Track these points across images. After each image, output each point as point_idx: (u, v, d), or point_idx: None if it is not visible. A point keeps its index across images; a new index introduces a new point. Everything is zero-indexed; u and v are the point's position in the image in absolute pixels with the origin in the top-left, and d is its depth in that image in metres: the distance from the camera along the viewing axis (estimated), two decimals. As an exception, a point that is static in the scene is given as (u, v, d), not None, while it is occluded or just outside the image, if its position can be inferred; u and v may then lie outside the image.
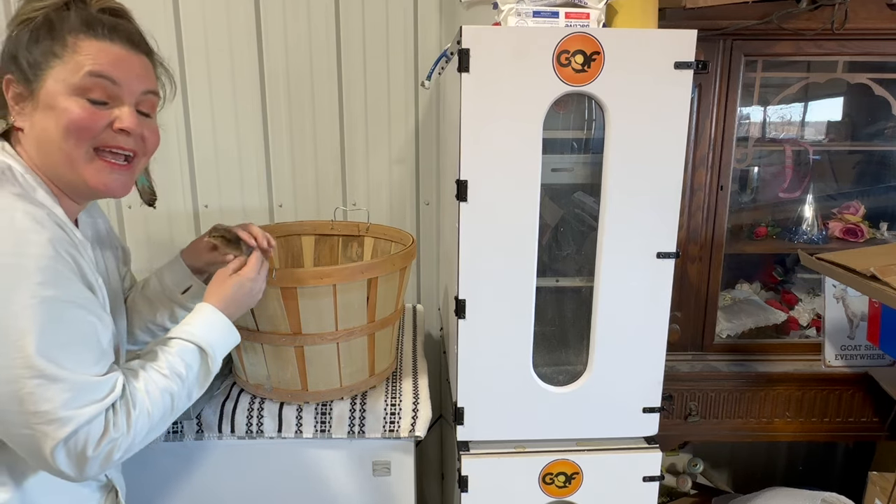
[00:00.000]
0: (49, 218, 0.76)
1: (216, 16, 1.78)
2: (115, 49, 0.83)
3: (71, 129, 0.80)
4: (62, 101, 0.80)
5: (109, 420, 0.78)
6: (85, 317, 0.77)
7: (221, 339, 0.96)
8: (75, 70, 0.80)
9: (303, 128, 1.89)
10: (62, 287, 0.74)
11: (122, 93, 0.84)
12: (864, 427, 1.68)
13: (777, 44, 1.50)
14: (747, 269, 1.98)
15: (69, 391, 0.74)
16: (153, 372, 0.86)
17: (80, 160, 0.82)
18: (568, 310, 1.47)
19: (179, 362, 0.88)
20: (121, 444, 0.80)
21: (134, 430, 0.81)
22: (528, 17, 1.22)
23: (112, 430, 0.78)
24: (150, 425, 0.84)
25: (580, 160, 1.40)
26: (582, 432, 1.39)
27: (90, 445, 0.76)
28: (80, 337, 0.77)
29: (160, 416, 0.85)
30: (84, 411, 0.75)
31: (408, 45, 1.86)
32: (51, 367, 0.72)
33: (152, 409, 0.83)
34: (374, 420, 1.31)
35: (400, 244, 1.49)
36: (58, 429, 0.73)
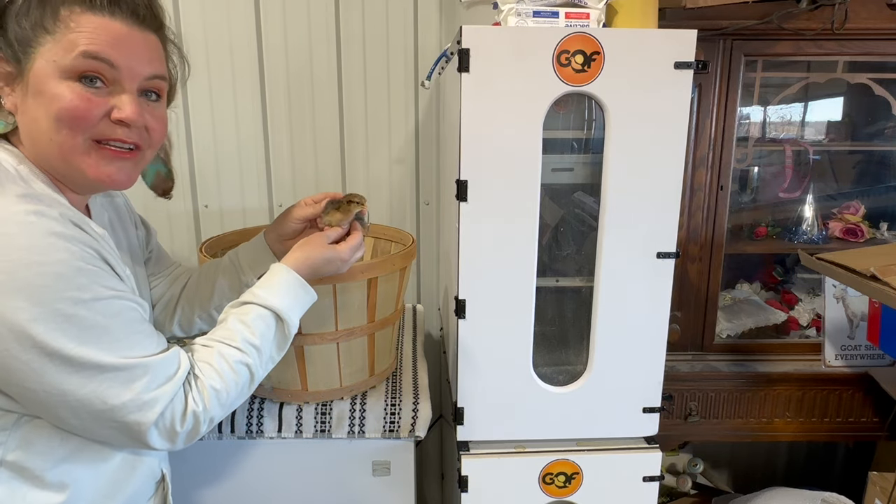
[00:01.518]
0: (62, 215, 0.70)
1: (216, 15, 1.78)
2: (115, 25, 0.72)
3: (63, 119, 0.71)
4: (53, 86, 0.70)
5: (188, 394, 0.79)
6: (128, 305, 0.75)
7: (298, 303, 0.93)
8: (68, 49, 0.70)
9: (303, 128, 1.89)
10: (99, 284, 0.71)
11: (122, 77, 0.73)
12: (864, 427, 1.68)
13: (777, 44, 1.50)
14: (747, 269, 1.98)
15: (144, 375, 0.74)
16: (223, 346, 0.84)
17: (75, 152, 0.73)
18: (568, 310, 1.47)
19: (254, 333, 0.86)
20: (202, 417, 0.80)
21: (214, 403, 0.81)
22: (528, 17, 1.22)
23: (192, 404, 0.79)
24: (229, 400, 0.84)
25: (580, 160, 1.40)
26: (582, 432, 1.39)
27: (177, 421, 0.78)
28: (130, 325, 0.75)
29: (236, 389, 0.84)
30: (164, 389, 0.76)
31: (408, 45, 1.86)
32: (118, 360, 0.72)
33: (226, 384, 0.82)
34: (374, 420, 1.31)
35: (400, 244, 1.49)
36: (147, 412, 0.74)
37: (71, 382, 0.70)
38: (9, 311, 0.65)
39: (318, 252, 0.97)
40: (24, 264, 0.65)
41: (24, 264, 0.65)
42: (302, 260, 0.95)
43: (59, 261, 0.67)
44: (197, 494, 1.35)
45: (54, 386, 0.69)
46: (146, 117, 0.78)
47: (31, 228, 0.67)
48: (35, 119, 0.72)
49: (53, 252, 0.67)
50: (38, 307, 0.66)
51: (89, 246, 0.72)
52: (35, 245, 0.66)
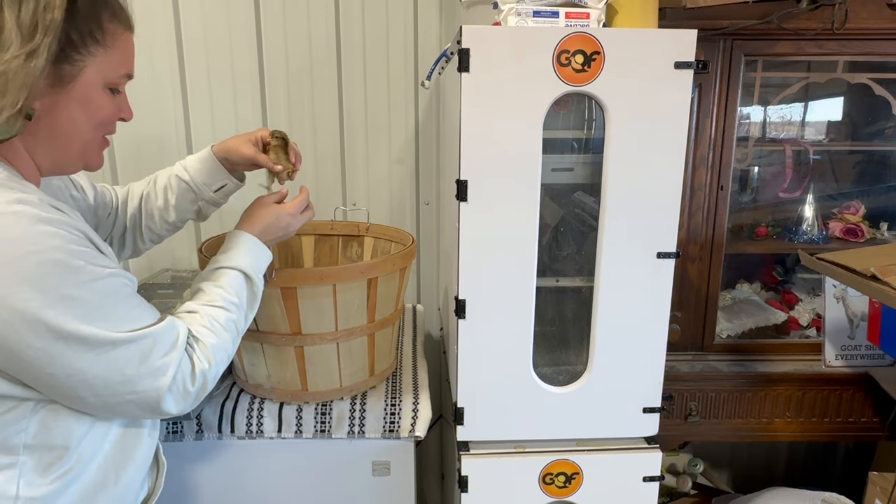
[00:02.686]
0: (41, 200, 0.71)
1: (216, 16, 1.78)
2: (132, 41, 0.83)
3: (103, 123, 0.81)
4: (98, 96, 0.78)
5: (192, 356, 0.85)
6: (121, 280, 0.78)
7: (260, 262, 1.00)
8: (117, 67, 0.79)
9: (303, 128, 1.89)
10: (93, 263, 0.73)
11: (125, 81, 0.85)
12: (864, 427, 1.68)
13: (777, 44, 1.50)
14: (747, 269, 1.98)
15: (154, 345, 0.78)
16: (209, 308, 0.90)
17: (94, 146, 0.83)
18: (568, 310, 1.47)
19: (230, 292, 0.93)
20: (209, 374, 0.86)
21: (216, 361, 0.87)
22: (528, 17, 1.21)
23: (198, 363, 0.84)
24: (227, 354, 0.91)
25: (580, 160, 1.40)
26: (582, 432, 1.39)
27: (188, 381, 0.83)
28: (128, 299, 0.79)
29: (231, 344, 0.91)
30: (172, 355, 0.81)
31: (408, 45, 1.87)
32: (127, 334, 0.75)
33: (223, 341, 0.89)
34: (374, 420, 1.31)
35: (400, 244, 1.49)
36: (160, 378, 0.79)
37: (88, 360, 0.73)
38: (18, 302, 0.67)
39: (266, 212, 1.06)
40: (21, 255, 0.67)
41: (21, 255, 0.67)
42: (254, 222, 1.04)
43: (54, 247, 0.69)
44: (197, 494, 1.35)
45: (73, 367, 0.72)
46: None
47: (18, 218, 0.68)
48: (72, 120, 0.77)
49: (46, 239, 0.69)
50: (44, 294, 0.68)
51: (74, 227, 0.73)
52: (26, 234, 0.68)
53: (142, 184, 1.18)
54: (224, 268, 0.96)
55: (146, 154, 1.79)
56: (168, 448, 1.31)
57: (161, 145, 1.83)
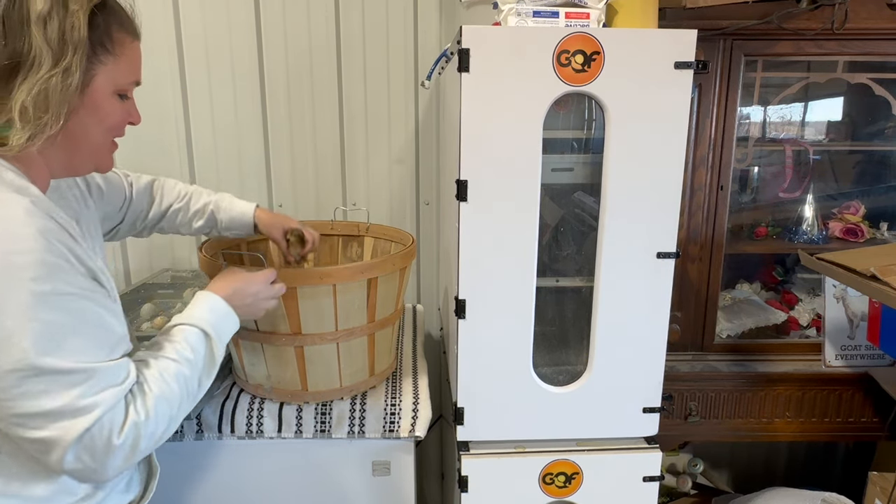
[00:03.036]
0: (36, 206, 0.72)
1: (216, 16, 1.78)
2: (139, 48, 0.84)
3: (112, 129, 0.83)
4: (108, 102, 0.80)
5: (129, 404, 0.77)
6: (89, 307, 0.74)
7: (223, 324, 0.95)
8: (126, 74, 0.81)
9: (303, 128, 1.89)
10: (58, 279, 0.71)
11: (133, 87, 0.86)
12: (864, 427, 1.68)
13: (777, 44, 1.50)
14: (747, 269, 1.98)
15: (84, 381, 0.72)
16: (163, 359, 0.84)
17: (104, 150, 0.85)
18: (568, 310, 1.47)
19: (186, 347, 0.87)
20: (144, 431, 0.77)
21: (155, 415, 0.79)
22: (528, 17, 1.22)
23: (133, 414, 0.76)
24: (171, 412, 0.82)
25: (580, 160, 1.40)
26: (582, 432, 1.39)
27: (115, 432, 0.74)
28: (85, 327, 0.74)
29: (178, 402, 0.84)
30: (103, 396, 0.73)
31: (408, 45, 1.87)
32: (59, 362, 0.70)
33: (169, 394, 0.82)
34: (374, 420, 1.31)
35: (400, 244, 1.49)
36: (78, 421, 0.71)
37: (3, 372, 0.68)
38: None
39: (235, 277, 1.03)
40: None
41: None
42: (223, 285, 1.00)
43: (21, 250, 0.68)
44: (197, 494, 1.35)
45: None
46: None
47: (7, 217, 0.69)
48: (84, 125, 0.79)
49: (17, 241, 0.69)
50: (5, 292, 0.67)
51: (59, 241, 0.72)
52: (7, 233, 0.69)
53: (173, 194, 1.24)
54: (183, 324, 0.90)
55: (146, 153, 1.79)
56: (168, 448, 1.31)
57: (161, 144, 1.83)
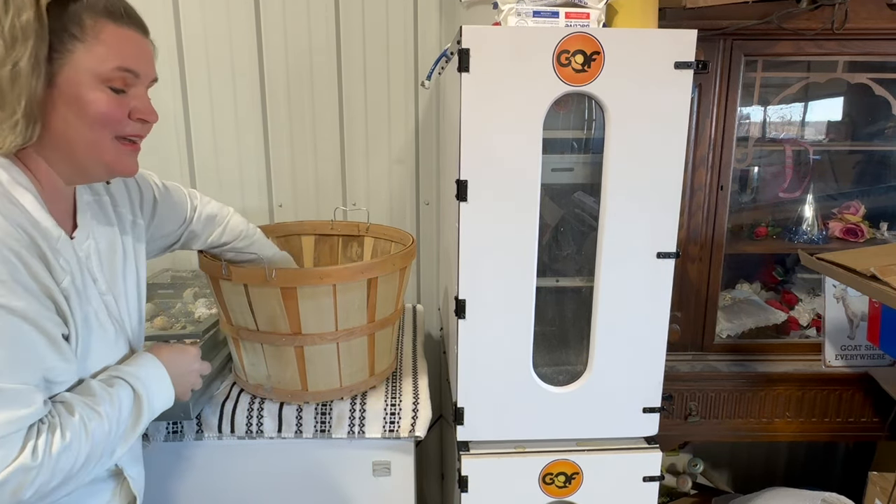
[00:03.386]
0: (3, 214, 0.71)
1: (216, 16, 1.78)
2: (135, 37, 0.80)
3: (99, 121, 0.78)
4: (86, 92, 0.76)
5: (27, 442, 0.68)
6: (19, 326, 0.69)
7: (159, 393, 0.89)
8: (102, 60, 0.76)
9: (303, 128, 1.89)
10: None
11: (140, 82, 0.82)
12: (864, 427, 1.68)
13: (777, 44, 1.50)
14: (747, 269, 1.98)
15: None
16: (86, 408, 0.76)
17: (104, 147, 0.80)
18: (568, 310, 1.47)
19: (114, 401, 0.80)
20: (34, 479, 0.68)
21: (54, 465, 0.70)
22: (528, 17, 1.21)
23: (26, 456, 0.68)
24: (72, 469, 0.73)
25: (580, 160, 1.40)
26: (582, 432, 1.39)
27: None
28: (4, 347, 0.68)
29: (84, 460, 0.75)
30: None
31: (408, 45, 1.86)
32: None
33: (81, 446, 0.74)
34: (374, 420, 1.31)
35: (400, 244, 1.49)
36: None
37: None
38: None
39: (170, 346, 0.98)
40: None
41: None
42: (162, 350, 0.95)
43: None
44: (197, 494, 1.35)
45: None
46: (157, 114, 0.86)
47: None
48: (65, 119, 0.77)
49: None
50: None
51: (13, 251, 0.70)
52: None
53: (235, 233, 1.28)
54: (118, 378, 0.84)
55: (146, 154, 1.78)
56: (168, 448, 1.31)
57: (161, 145, 1.83)
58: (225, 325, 1.31)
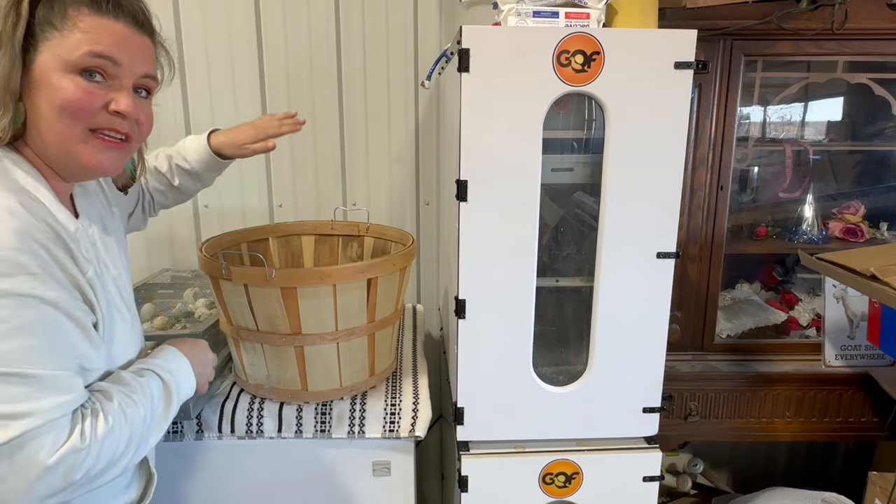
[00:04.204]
0: (23, 206, 0.71)
1: (216, 16, 1.78)
2: (118, 27, 0.77)
3: (65, 109, 0.74)
4: (56, 78, 0.74)
5: (75, 426, 0.71)
6: (52, 315, 0.71)
7: (184, 383, 0.92)
8: (75, 47, 0.74)
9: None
10: (20, 280, 0.67)
11: (122, 73, 0.78)
12: (864, 427, 1.68)
13: (777, 44, 1.50)
14: (747, 269, 1.98)
15: (20, 385, 0.67)
16: (122, 395, 0.78)
17: (73, 140, 0.77)
18: (568, 310, 1.47)
19: (146, 390, 0.82)
20: (83, 461, 0.70)
21: (100, 449, 0.72)
22: (528, 17, 1.22)
23: (76, 439, 0.70)
24: (115, 453, 0.75)
25: (580, 160, 1.40)
26: (582, 432, 1.39)
27: (44, 450, 0.67)
28: (42, 335, 0.70)
29: (125, 446, 0.77)
30: (41, 405, 0.68)
31: (408, 45, 1.87)
32: (2, 365, 0.66)
33: (123, 431, 0.76)
34: (374, 420, 1.31)
35: (400, 244, 1.49)
36: (1, 429, 0.66)
37: None
38: None
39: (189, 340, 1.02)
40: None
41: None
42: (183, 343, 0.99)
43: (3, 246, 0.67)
44: (197, 494, 1.35)
45: None
46: (139, 111, 0.82)
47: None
48: (37, 107, 0.75)
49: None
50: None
51: (40, 244, 0.71)
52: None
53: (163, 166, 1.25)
54: (150, 371, 0.86)
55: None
56: (168, 448, 1.31)
57: (160, 144, 1.82)
58: (225, 325, 1.31)
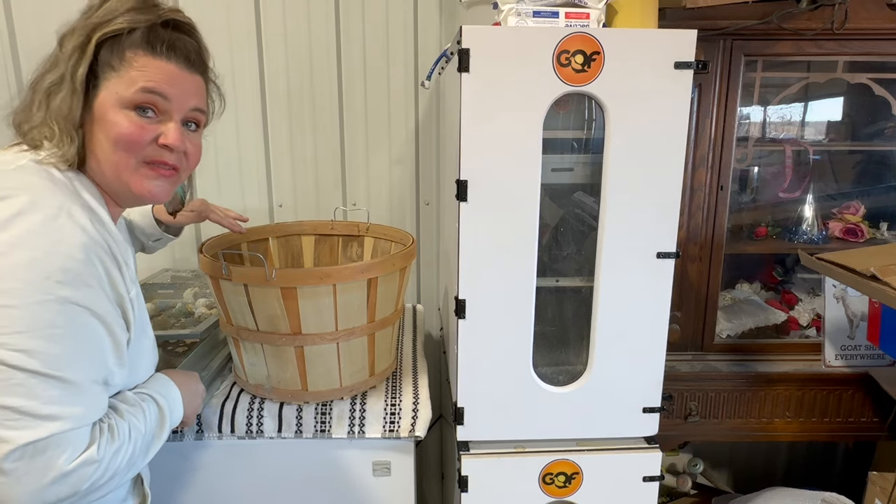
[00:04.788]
0: (93, 224, 0.78)
1: (216, 16, 1.78)
2: (170, 67, 0.84)
3: (120, 142, 0.82)
4: (113, 114, 0.81)
5: (94, 438, 0.75)
6: (96, 327, 0.76)
7: (175, 412, 0.95)
8: (130, 84, 0.81)
9: (303, 128, 1.89)
10: (79, 291, 0.74)
11: (172, 108, 0.85)
12: (864, 427, 1.68)
13: (777, 44, 1.50)
14: (747, 269, 1.98)
15: (57, 388, 0.71)
16: (129, 415, 0.83)
17: (127, 169, 0.84)
18: (568, 310, 1.47)
19: (147, 413, 0.86)
20: (93, 473, 0.74)
21: (108, 464, 0.76)
22: (528, 17, 1.22)
23: (93, 450, 0.74)
24: (118, 468, 0.78)
25: (580, 160, 1.40)
26: (582, 432, 1.39)
27: (65, 456, 0.71)
28: (84, 345, 0.75)
29: (128, 460, 0.80)
30: (71, 411, 0.72)
31: (408, 45, 1.87)
32: (46, 367, 0.70)
33: (128, 449, 0.80)
34: (374, 420, 1.31)
35: (400, 244, 1.49)
36: (30, 429, 0.69)
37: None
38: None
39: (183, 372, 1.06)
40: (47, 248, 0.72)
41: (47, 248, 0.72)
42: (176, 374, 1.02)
43: (61, 254, 0.72)
44: (197, 494, 1.35)
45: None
46: (186, 144, 0.88)
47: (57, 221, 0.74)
48: (97, 139, 0.82)
49: (61, 245, 0.73)
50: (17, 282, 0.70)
51: (101, 260, 0.76)
52: (51, 235, 0.73)
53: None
54: (149, 396, 0.90)
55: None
56: (168, 448, 1.31)
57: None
58: (225, 325, 1.31)
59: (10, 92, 1.76)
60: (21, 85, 1.77)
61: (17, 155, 0.81)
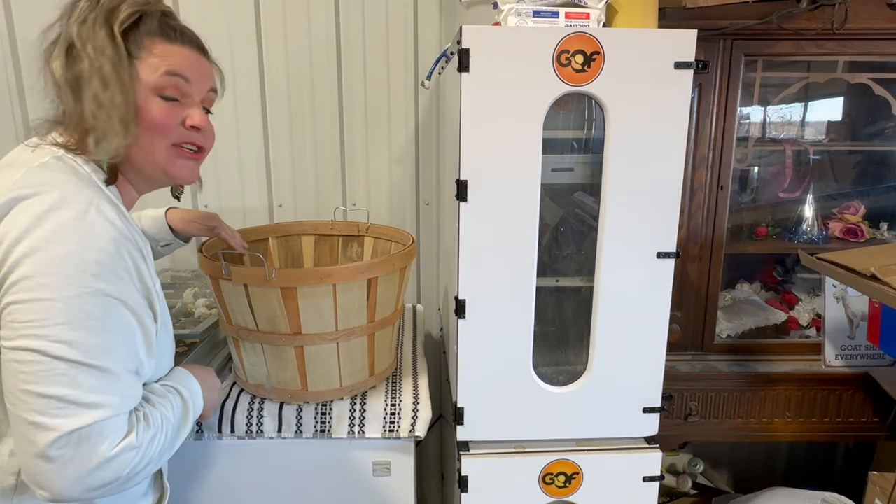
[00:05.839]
0: (120, 218, 0.79)
1: (216, 16, 1.78)
2: (185, 51, 0.89)
3: (151, 127, 0.85)
4: (142, 101, 0.84)
5: (133, 425, 0.77)
6: (129, 318, 0.78)
7: (197, 405, 0.96)
8: (152, 70, 0.84)
9: (303, 128, 1.89)
10: (113, 284, 0.76)
11: (193, 90, 0.88)
12: (864, 427, 1.68)
13: (777, 44, 1.50)
14: (747, 269, 1.98)
15: (97, 378, 0.74)
16: (159, 405, 0.84)
17: (160, 154, 0.87)
18: (568, 310, 1.47)
19: (174, 404, 0.88)
20: (132, 459, 0.76)
21: (146, 451, 0.78)
22: (528, 17, 1.22)
23: (133, 437, 0.76)
24: (153, 456, 0.80)
25: (580, 160, 1.40)
26: (582, 432, 1.39)
27: (107, 443, 0.73)
28: (119, 335, 0.77)
29: (160, 449, 0.82)
30: (111, 399, 0.74)
31: (408, 45, 1.87)
32: (86, 357, 0.73)
33: (161, 437, 0.81)
34: (374, 420, 1.31)
35: (400, 244, 1.49)
36: (75, 417, 0.71)
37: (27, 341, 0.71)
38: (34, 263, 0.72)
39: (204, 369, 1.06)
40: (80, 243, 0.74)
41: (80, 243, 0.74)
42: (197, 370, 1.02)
43: (94, 248, 0.74)
44: (197, 494, 1.35)
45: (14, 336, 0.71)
46: (209, 124, 0.93)
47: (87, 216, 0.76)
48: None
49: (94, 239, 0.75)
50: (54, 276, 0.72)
51: (129, 254, 0.78)
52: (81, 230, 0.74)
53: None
54: (177, 391, 0.91)
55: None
56: (168, 448, 1.31)
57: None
58: (225, 325, 1.31)
59: (10, 92, 1.76)
60: (21, 85, 1.77)
61: (38, 152, 0.83)
